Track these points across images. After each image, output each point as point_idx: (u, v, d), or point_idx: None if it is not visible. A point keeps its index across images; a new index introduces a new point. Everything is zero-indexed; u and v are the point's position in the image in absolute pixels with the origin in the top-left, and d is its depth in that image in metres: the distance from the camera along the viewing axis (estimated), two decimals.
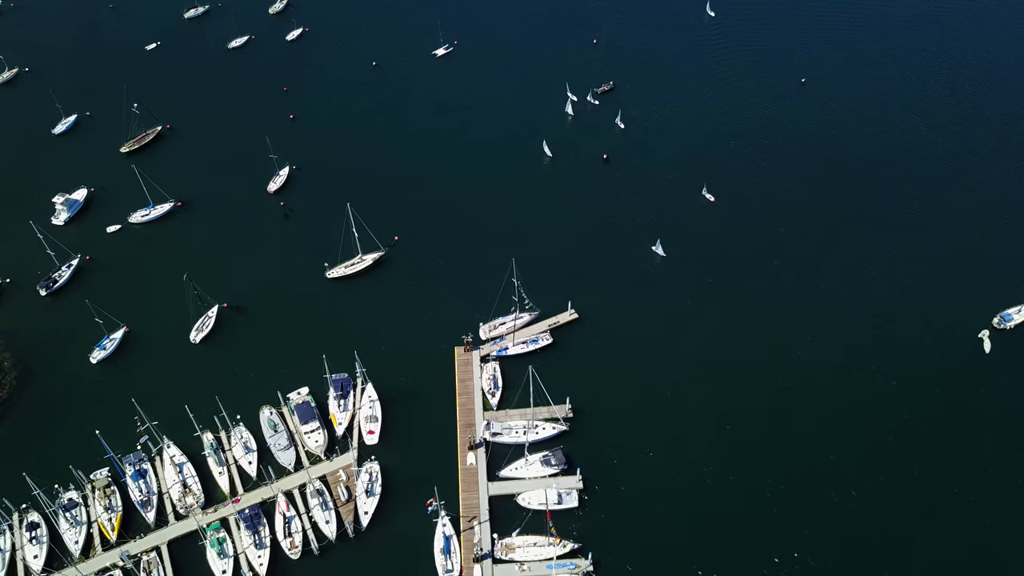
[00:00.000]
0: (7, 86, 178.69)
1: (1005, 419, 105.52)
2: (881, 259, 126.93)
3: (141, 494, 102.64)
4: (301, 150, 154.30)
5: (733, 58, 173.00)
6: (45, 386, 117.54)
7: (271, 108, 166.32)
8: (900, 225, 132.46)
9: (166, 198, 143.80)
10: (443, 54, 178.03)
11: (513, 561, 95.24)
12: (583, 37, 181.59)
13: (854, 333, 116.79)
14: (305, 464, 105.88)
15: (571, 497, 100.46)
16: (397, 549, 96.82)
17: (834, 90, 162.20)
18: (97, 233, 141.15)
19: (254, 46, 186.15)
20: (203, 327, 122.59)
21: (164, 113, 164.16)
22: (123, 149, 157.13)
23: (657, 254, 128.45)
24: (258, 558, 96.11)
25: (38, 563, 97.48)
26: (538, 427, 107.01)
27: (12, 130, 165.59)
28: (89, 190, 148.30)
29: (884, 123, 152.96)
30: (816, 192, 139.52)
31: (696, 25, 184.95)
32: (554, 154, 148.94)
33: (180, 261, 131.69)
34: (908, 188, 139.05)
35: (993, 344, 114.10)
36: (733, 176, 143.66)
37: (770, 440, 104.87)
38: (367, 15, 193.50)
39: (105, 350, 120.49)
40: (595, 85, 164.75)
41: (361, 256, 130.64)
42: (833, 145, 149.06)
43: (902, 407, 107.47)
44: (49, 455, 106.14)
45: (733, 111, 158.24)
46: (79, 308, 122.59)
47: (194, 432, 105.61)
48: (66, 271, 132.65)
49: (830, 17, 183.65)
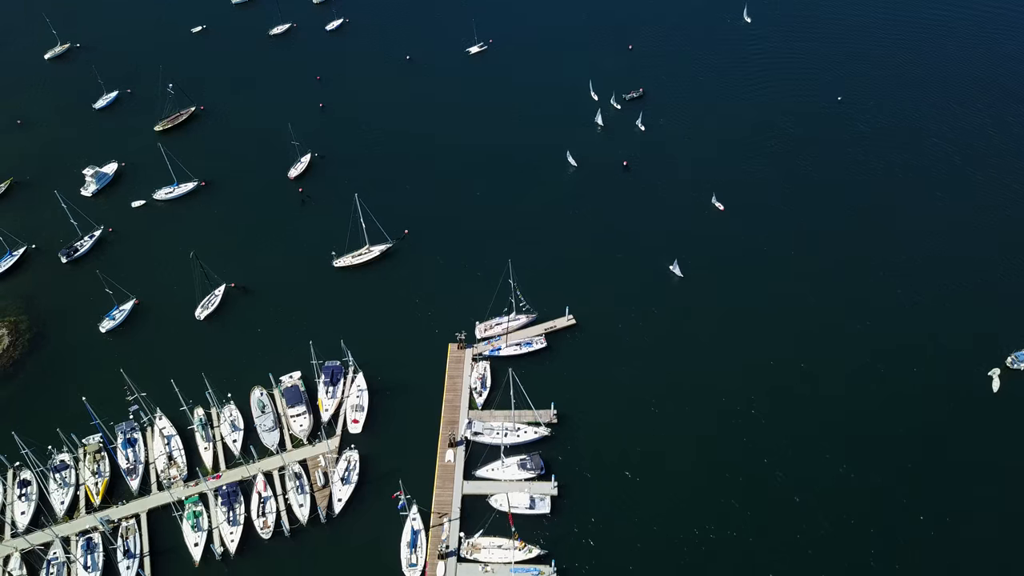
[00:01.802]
0: (59, 60, 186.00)
1: (1006, 460, 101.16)
2: (897, 287, 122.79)
3: (128, 462, 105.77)
4: (326, 139, 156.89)
5: (767, 70, 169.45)
6: (54, 350, 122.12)
7: (302, 96, 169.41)
8: (920, 254, 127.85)
9: (190, 177, 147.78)
10: (476, 52, 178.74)
11: (477, 561, 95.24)
12: (619, 42, 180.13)
13: (857, 362, 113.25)
14: (288, 447, 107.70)
15: (544, 503, 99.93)
16: (365, 538, 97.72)
17: (870, 110, 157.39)
18: (122, 207, 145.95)
19: (295, 34, 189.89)
20: (208, 305, 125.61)
21: (200, 95, 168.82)
22: (157, 128, 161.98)
23: (674, 274, 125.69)
24: (230, 534, 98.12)
25: (24, 519, 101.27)
26: (520, 430, 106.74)
27: (57, 102, 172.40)
28: (120, 164, 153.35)
29: (915, 148, 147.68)
30: (834, 217, 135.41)
31: (732, 33, 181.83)
32: (576, 160, 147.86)
33: (196, 239, 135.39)
34: (932, 217, 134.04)
35: (1003, 383, 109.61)
36: (751, 191, 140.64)
37: (754, 469, 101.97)
38: (406, 8, 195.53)
39: (114, 320, 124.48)
40: (624, 91, 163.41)
41: (368, 247, 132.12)
42: (861, 168, 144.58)
43: (898, 439, 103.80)
44: (48, 417, 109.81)
45: (761, 125, 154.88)
46: (96, 278, 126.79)
47: (183, 407, 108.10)
48: (88, 241, 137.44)
49: (875, 35, 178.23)
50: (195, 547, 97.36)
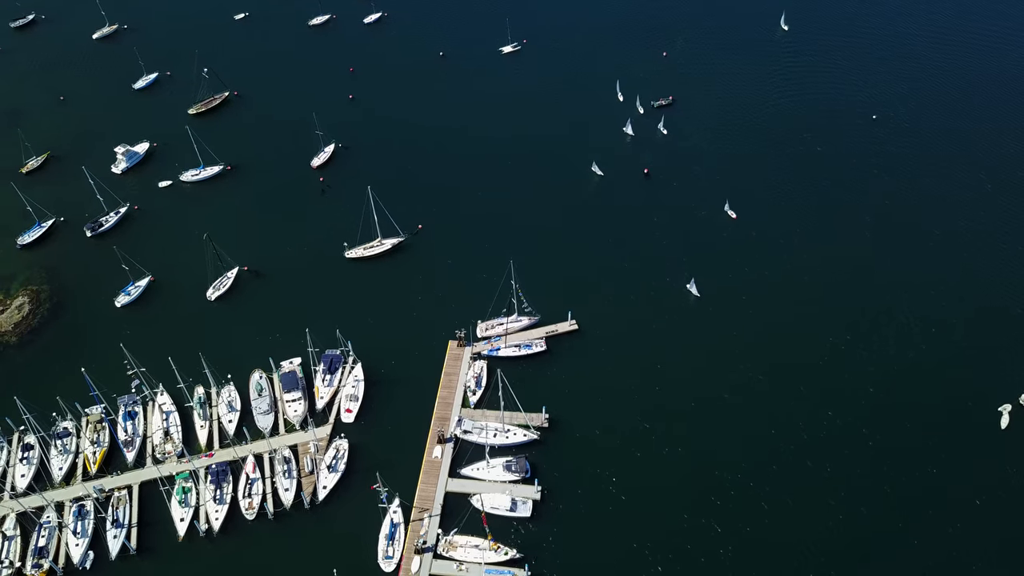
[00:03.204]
0: (106, 40, 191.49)
1: (1007, 500, 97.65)
2: (912, 313, 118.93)
3: (126, 434, 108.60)
4: (352, 130, 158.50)
5: (801, 82, 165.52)
6: (70, 321, 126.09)
7: (334, 86, 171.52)
8: (940, 285, 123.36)
9: (216, 161, 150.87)
10: (510, 52, 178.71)
11: (452, 559, 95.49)
12: (654, 48, 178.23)
13: (859, 388, 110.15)
14: (281, 431, 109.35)
15: (525, 506, 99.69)
16: (345, 527, 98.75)
17: (904, 132, 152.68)
18: (149, 186, 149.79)
19: (333, 25, 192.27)
20: (220, 286, 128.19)
21: (235, 80, 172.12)
22: (191, 111, 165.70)
23: (691, 293, 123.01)
24: (215, 512, 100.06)
25: (24, 482, 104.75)
26: (509, 432, 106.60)
27: (99, 81, 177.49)
28: (152, 145, 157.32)
29: (947, 175, 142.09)
30: (852, 238, 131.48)
31: (768, 40, 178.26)
32: (601, 169, 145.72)
33: (216, 221, 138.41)
34: (956, 247, 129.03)
35: (1012, 420, 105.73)
36: (770, 207, 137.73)
37: (744, 495, 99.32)
38: (445, 5, 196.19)
39: (129, 296, 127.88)
40: (654, 98, 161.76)
41: (380, 240, 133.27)
42: (885, 190, 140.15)
43: (898, 469, 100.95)
44: (56, 385, 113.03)
45: (790, 140, 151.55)
46: (118, 253, 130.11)
47: (180, 384, 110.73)
48: (113, 217, 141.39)
49: (919, 53, 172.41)
50: (181, 522, 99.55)
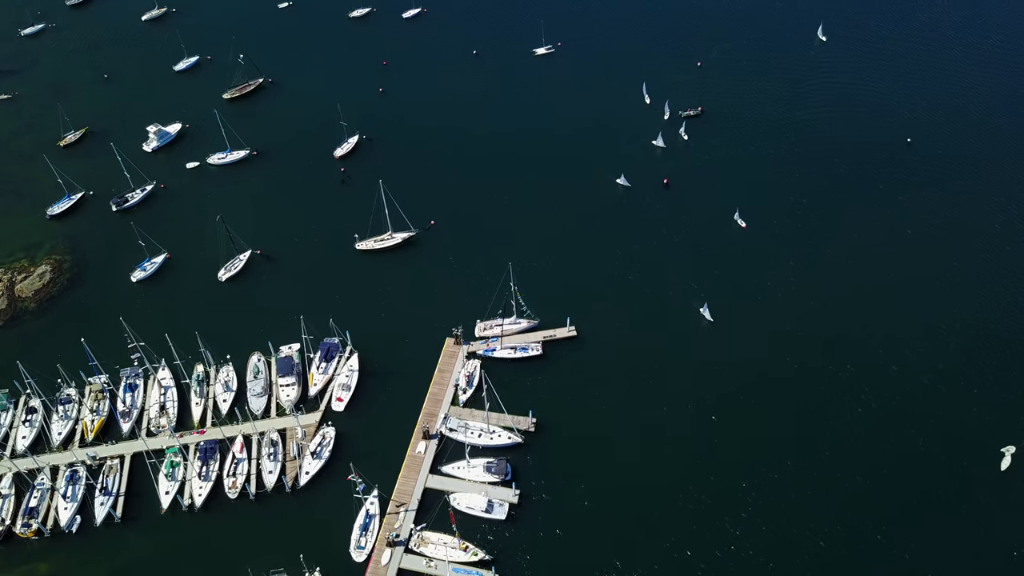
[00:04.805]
0: (154, 22, 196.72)
1: (1006, 545, 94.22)
2: (922, 349, 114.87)
3: (124, 406, 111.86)
4: (379, 123, 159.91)
5: (835, 98, 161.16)
6: (87, 292, 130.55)
7: (366, 79, 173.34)
8: (957, 322, 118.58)
9: (243, 145, 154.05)
10: (543, 54, 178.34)
11: (423, 555, 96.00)
12: (690, 58, 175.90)
13: (864, 423, 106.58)
14: (272, 414, 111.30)
15: (501, 509, 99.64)
16: (322, 514, 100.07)
17: (938, 159, 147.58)
18: (177, 166, 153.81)
19: (373, 18, 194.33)
20: (231, 268, 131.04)
21: (271, 67, 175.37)
22: (225, 95, 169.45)
23: (704, 317, 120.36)
24: (199, 489, 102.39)
25: (24, 443, 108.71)
26: (494, 433, 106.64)
27: (143, 62, 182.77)
28: (184, 126, 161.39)
29: (977, 209, 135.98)
30: (870, 272, 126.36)
31: (805, 51, 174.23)
32: (627, 178, 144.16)
33: (236, 204, 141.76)
34: (978, 284, 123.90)
35: (1014, 462, 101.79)
36: (786, 227, 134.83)
37: (729, 527, 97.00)
38: (484, 3, 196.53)
39: (144, 271, 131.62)
40: (682, 108, 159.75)
41: (391, 233, 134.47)
42: (910, 221, 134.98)
43: (889, 504, 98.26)
44: (65, 353, 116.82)
45: (818, 161, 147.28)
46: (141, 229, 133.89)
47: (177, 361, 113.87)
48: (139, 194, 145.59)
49: (964, 74, 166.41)
50: (165, 495, 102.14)
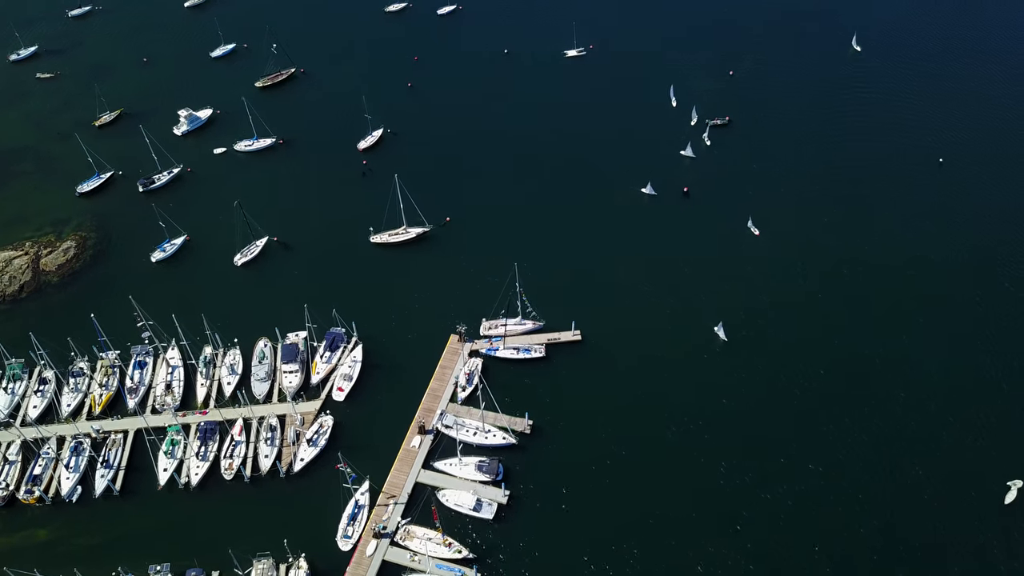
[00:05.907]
0: (195, 9, 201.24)
1: None
2: (934, 381, 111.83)
3: (132, 382, 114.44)
4: (405, 117, 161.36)
5: (867, 112, 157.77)
6: (107, 269, 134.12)
7: (396, 73, 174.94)
8: (973, 350, 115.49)
9: (270, 134, 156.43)
10: (574, 55, 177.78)
11: (408, 549, 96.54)
12: (722, 66, 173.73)
13: (866, 451, 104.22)
14: (274, 399, 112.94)
15: (490, 508, 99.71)
16: (312, 502, 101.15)
17: (971, 182, 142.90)
18: (205, 151, 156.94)
19: (408, 13, 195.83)
20: (247, 253, 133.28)
21: (304, 58, 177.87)
22: (258, 84, 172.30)
23: (719, 336, 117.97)
24: (196, 468, 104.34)
25: (35, 412, 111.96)
26: (489, 432, 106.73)
27: (182, 47, 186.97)
28: (215, 111, 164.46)
29: (1005, 240, 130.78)
30: (887, 297, 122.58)
31: (838, 62, 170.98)
32: (653, 186, 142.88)
33: (258, 191, 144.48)
34: (996, 315, 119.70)
35: (1019, 497, 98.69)
36: (804, 244, 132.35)
37: (720, 550, 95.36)
38: (519, 2, 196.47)
39: (164, 252, 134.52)
40: (710, 116, 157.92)
41: (405, 228, 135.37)
42: (933, 247, 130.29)
43: (891, 536, 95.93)
44: (79, 327, 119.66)
45: (845, 178, 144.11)
46: (163, 210, 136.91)
47: (183, 341, 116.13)
48: (166, 176, 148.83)
49: (1004, 95, 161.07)
50: (163, 472, 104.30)
